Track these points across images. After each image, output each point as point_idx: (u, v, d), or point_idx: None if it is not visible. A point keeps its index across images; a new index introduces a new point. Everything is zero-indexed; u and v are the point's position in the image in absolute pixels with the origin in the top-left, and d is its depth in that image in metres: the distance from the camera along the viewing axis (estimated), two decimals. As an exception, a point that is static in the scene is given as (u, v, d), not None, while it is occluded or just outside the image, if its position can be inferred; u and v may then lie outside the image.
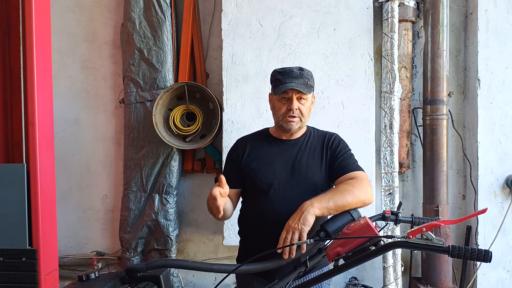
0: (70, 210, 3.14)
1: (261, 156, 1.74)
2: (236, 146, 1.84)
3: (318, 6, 2.63)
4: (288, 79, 1.64)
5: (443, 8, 2.58)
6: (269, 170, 1.69)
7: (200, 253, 3.07)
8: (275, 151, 1.74)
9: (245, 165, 1.74)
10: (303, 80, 1.64)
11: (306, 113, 1.69)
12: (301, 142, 1.75)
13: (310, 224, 1.40)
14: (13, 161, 2.29)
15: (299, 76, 1.64)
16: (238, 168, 1.75)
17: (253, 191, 1.72)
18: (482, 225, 2.63)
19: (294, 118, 1.66)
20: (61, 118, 3.10)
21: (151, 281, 1.22)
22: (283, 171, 1.68)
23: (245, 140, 1.83)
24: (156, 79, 2.84)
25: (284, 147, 1.74)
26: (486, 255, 0.97)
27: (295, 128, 1.69)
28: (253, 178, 1.71)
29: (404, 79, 2.74)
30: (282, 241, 1.41)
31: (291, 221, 1.42)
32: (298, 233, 1.38)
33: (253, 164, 1.73)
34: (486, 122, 2.64)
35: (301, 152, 1.71)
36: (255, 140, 1.81)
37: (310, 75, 1.68)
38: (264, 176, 1.68)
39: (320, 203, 1.44)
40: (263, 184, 1.67)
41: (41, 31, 2.20)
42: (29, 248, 2.11)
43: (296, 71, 1.65)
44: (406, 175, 2.88)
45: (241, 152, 1.77)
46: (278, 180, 1.66)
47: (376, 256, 1.11)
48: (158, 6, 2.81)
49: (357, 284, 2.80)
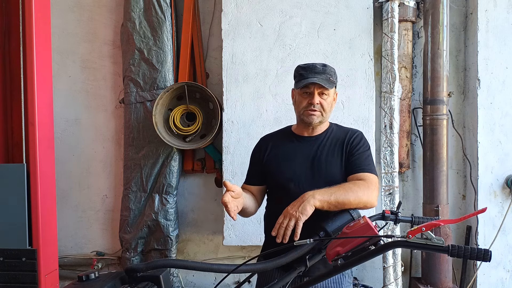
0: (70, 210, 3.14)
1: (282, 153, 1.77)
2: (259, 144, 1.88)
3: (318, 6, 2.63)
4: (311, 74, 1.67)
5: (443, 8, 2.58)
6: (289, 166, 1.72)
7: (200, 253, 3.07)
8: (295, 147, 1.76)
9: (266, 162, 1.79)
10: (326, 76, 1.67)
11: (327, 108, 1.71)
12: (322, 138, 1.76)
13: (307, 214, 1.42)
14: (13, 161, 2.30)
15: (322, 72, 1.67)
16: (261, 166, 1.80)
17: (275, 188, 1.77)
18: (482, 225, 2.63)
19: (315, 112, 1.69)
20: (61, 118, 3.10)
21: (151, 281, 1.22)
22: (303, 167, 1.70)
23: (268, 138, 1.88)
24: (156, 79, 2.84)
25: (304, 143, 1.76)
26: (485, 254, 0.97)
27: (315, 122, 1.71)
28: (274, 174, 1.75)
29: (404, 79, 2.74)
30: (278, 225, 1.45)
31: (290, 207, 1.46)
32: (294, 220, 1.41)
33: (274, 161, 1.77)
34: (486, 122, 2.64)
35: (321, 148, 1.73)
36: (277, 138, 1.86)
37: (333, 72, 1.71)
38: (284, 172, 1.72)
39: (322, 196, 1.46)
40: (283, 180, 1.71)
41: (41, 31, 2.20)
42: (29, 248, 2.11)
43: (319, 67, 1.69)
44: (406, 175, 2.88)
45: (264, 150, 1.82)
46: (297, 176, 1.69)
47: (376, 255, 1.11)
48: (158, 6, 2.81)
49: (357, 284, 2.79)
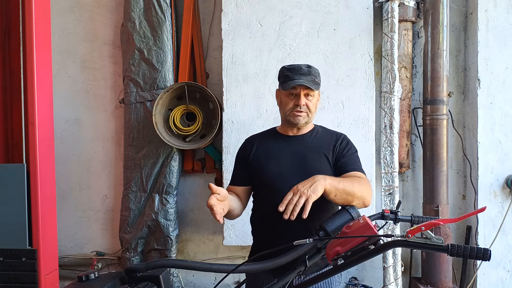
0: (70, 210, 3.14)
1: (267, 152, 1.78)
2: (244, 145, 1.88)
3: (318, 6, 2.63)
4: (296, 76, 1.68)
5: (443, 8, 2.58)
6: (275, 164, 1.72)
7: (200, 253, 3.07)
8: (281, 146, 1.77)
9: (252, 161, 1.79)
10: (311, 77, 1.68)
11: (313, 109, 1.73)
12: (307, 137, 1.78)
13: (318, 195, 1.39)
14: (13, 161, 2.30)
15: (308, 73, 1.69)
16: (246, 166, 1.80)
17: (261, 187, 1.76)
18: (482, 225, 2.63)
19: (301, 113, 1.71)
20: (61, 118, 3.11)
21: (151, 281, 1.22)
22: (290, 165, 1.71)
23: (253, 139, 1.89)
24: (156, 79, 2.84)
25: (290, 142, 1.77)
26: (485, 253, 0.97)
27: (302, 123, 1.73)
28: (260, 173, 1.75)
29: (404, 79, 2.74)
30: (287, 201, 1.39)
31: (301, 185, 1.41)
32: (304, 198, 1.37)
33: (260, 160, 1.77)
34: (486, 122, 2.64)
35: (308, 147, 1.74)
36: (263, 138, 1.87)
37: (317, 73, 1.73)
38: (270, 170, 1.72)
39: (332, 181, 1.45)
40: (270, 178, 1.71)
41: (41, 31, 2.20)
42: (29, 248, 2.11)
43: (305, 68, 1.70)
44: (406, 175, 2.88)
45: (249, 150, 1.82)
46: (284, 174, 1.69)
47: (376, 255, 1.11)
48: (158, 6, 2.81)
49: (357, 284, 2.80)
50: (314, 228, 1.58)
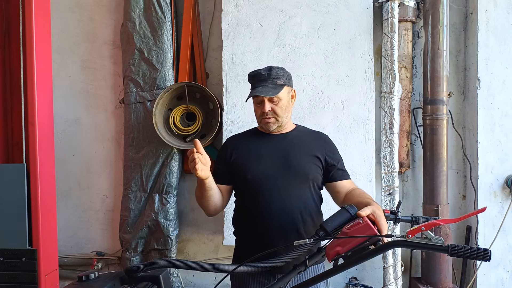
0: (70, 210, 3.15)
1: (250, 151, 1.75)
2: (225, 145, 1.86)
3: (318, 6, 2.63)
4: (257, 83, 1.67)
5: (443, 8, 2.58)
6: (259, 163, 1.70)
7: (200, 253, 3.07)
8: (264, 145, 1.75)
9: (234, 160, 1.75)
10: (271, 81, 1.65)
11: (281, 112, 1.70)
12: (290, 135, 1.77)
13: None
14: (13, 161, 2.29)
15: (267, 78, 1.65)
16: (227, 165, 1.77)
17: (245, 186, 1.72)
18: (482, 225, 2.63)
19: (270, 119, 1.70)
20: (61, 118, 3.11)
21: (151, 281, 1.22)
22: (274, 163, 1.69)
23: (234, 138, 1.88)
24: (156, 79, 2.84)
25: (273, 140, 1.76)
26: (485, 253, 0.97)
27: (273, 128, 1.72)
28: (243, 172, 1.71)
29: (404, 79, 2.74)
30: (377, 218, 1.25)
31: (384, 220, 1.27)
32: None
33: (243, 159, 1.74)
34: (486, 122, 2.64)
35: (291, 144, 1.73)
36: (244, 137, 1.85)
37: (280, 73, 1.68)
38: (254, 169, 1.69)
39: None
40: (254, 177, 1.68)
41: (41, 31, 2.20)
42: (29, 248, 2.11)
43: (264, 73, 1.66)
44: (406, 175, 2.88)
45: (230, 149, 1.79)
46: (269, 172, 1.67)
47: (376, 255, 1.11)
48: (158, 6, 2.81)
49: (357, 284, 2.80)
50: (299, 227, 1.58)
